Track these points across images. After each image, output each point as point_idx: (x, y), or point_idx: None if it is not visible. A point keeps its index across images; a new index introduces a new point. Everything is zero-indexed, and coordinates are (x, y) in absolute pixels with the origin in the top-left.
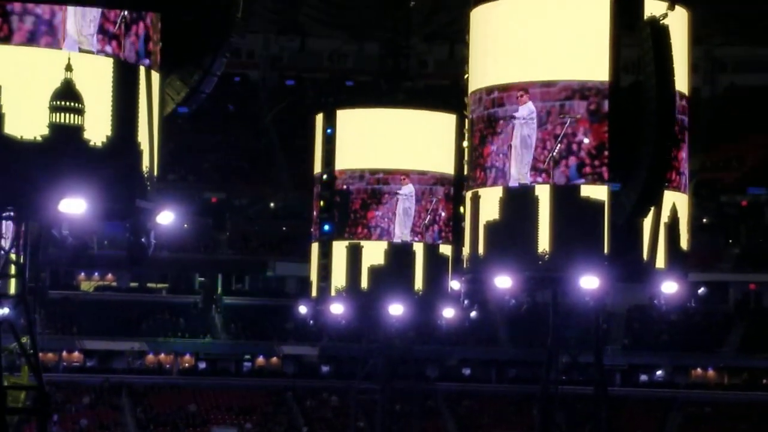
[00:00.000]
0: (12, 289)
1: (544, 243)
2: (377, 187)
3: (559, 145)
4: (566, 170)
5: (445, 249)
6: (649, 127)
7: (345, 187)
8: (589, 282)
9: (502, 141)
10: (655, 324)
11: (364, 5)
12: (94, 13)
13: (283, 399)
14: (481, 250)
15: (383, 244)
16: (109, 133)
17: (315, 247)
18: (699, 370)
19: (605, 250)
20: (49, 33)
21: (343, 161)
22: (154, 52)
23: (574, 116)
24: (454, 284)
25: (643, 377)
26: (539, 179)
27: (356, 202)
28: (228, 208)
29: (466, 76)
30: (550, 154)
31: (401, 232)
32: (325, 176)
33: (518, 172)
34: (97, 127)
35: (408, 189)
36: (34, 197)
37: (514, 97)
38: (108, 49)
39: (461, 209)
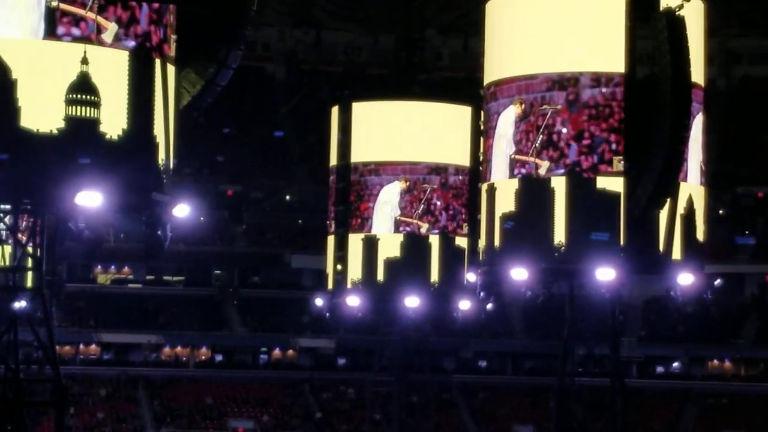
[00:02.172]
0: (29, 282)
1: (559, 235)
2: (369, 178)
3: (541, 136)
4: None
5: (461, 241)
6: (664, 119)
7: None
8: (605, 274)
9: (496, 135)
10: (671, 315)
11: None
12: None
13: (299, 391)
14: (496, 242)
15: (399, 237)
16: (125, 126)
17: (331, 240)
18: (715, 361)
19: (621, 242)
20: None
21: (358, 154)
22: (145, 35)
23: (554, 107)
24: (470, 276)
25: (660, 369)
26: (522, 171)
27: (351, 194)
28: (244, 201)
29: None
30: (533, 146)
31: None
32: (340, 168)
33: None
34: (114, 120)
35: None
36: (50, 190)
37: (506, 92)
38: (75, 32)
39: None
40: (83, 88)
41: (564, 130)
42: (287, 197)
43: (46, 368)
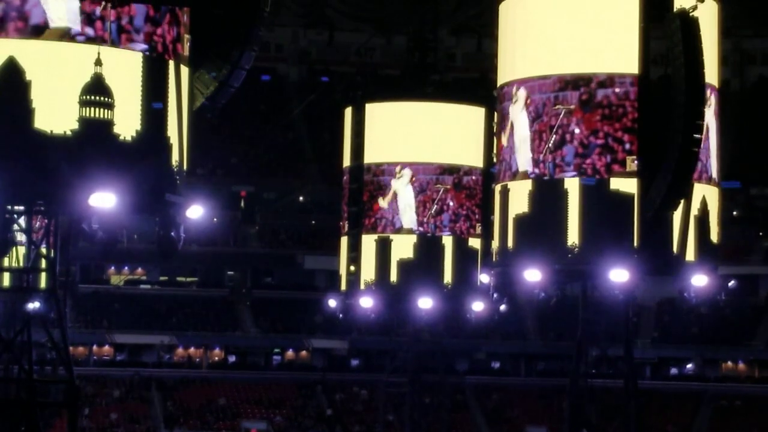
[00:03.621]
0: (43, 284)
1: (573, 236)
2: (381, 178)
3: (554, 136)
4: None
5: (474, 242)
6: (678, 120)
7: None
8: (619, 275)
9: (509, 135)
10: (685, 317)
11: None
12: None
13: (312, 392)
14: (510, 243)
15: (413, 238)
16: (138, 127)
17: (344, 241)
18: (729, 363)
19: (635, 243)
20: (20, 18)
21: (371, 154)
22: (157, 38)
23: (567, 107)
24: (484, 277)
25: (673, 370)
26: (536, 171)
27: (364, 195)
28: (257, 202)
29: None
30: (546, 146)
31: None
32: (353, 169)
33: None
34: (127, 122)
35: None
36: (64, 192)
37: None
38: (89, 31)
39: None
40: (97, 90)
41: (577, 131)
42: (300, 198)
43: (59, 369)
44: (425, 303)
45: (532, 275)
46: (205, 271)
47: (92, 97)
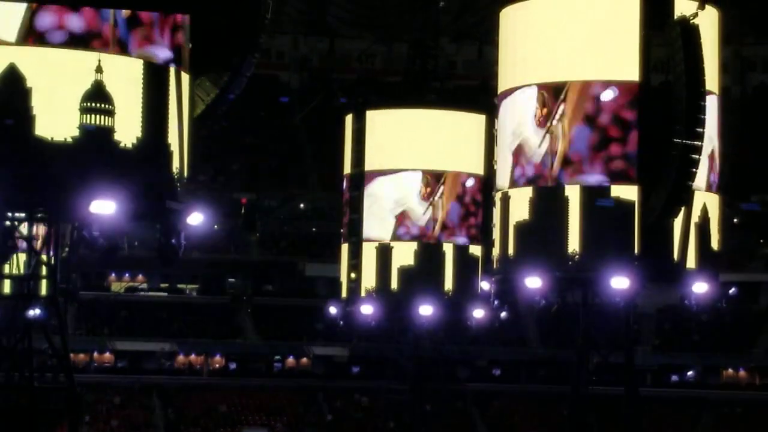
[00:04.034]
0: (43, 290)
1: (574, 243)
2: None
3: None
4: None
5: (475, 249)
6: (678, 127)
7: None
8: (620, 282)
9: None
10: (686, 324)
11: (393, 6)
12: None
13: (313, 399)
14: (511, 250)
15: (413, 245)
16: (139, 134)
17: (345, 248)
18: (730, 370)
19: (635, 251)
20: None
21: (371, 162)
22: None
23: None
24: (484, 285)
25: (674, 378)
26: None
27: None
28: (258, 209)
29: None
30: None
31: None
32: (353, 176)
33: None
34: (128, 129)
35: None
36: (64, 199)
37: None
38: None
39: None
40: (98, 97)
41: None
42: (301, 205)
43: (60, 376)
44: (426, 310)
45: (533, 282)
46: (205, 278)
47: (93, 104)
